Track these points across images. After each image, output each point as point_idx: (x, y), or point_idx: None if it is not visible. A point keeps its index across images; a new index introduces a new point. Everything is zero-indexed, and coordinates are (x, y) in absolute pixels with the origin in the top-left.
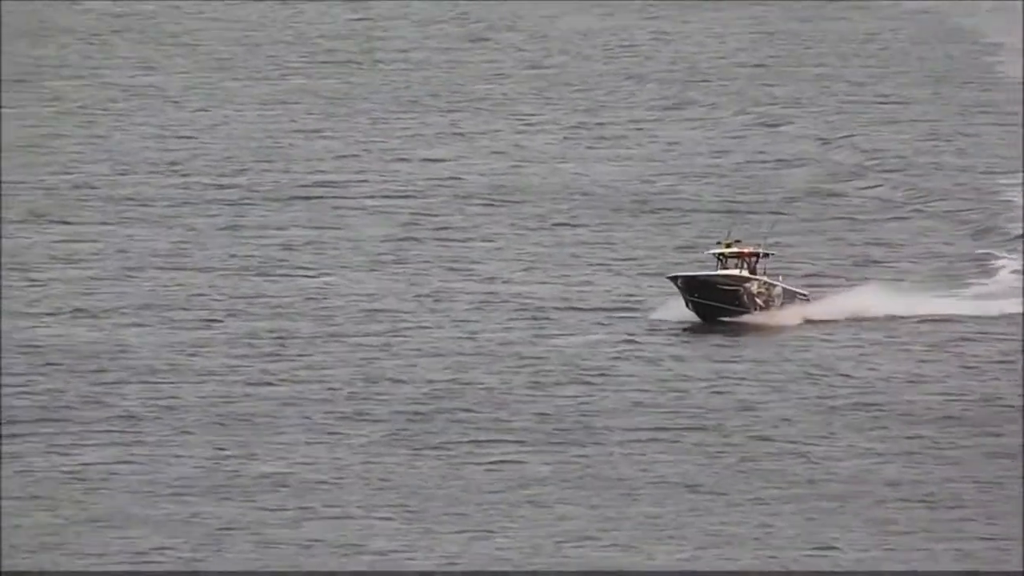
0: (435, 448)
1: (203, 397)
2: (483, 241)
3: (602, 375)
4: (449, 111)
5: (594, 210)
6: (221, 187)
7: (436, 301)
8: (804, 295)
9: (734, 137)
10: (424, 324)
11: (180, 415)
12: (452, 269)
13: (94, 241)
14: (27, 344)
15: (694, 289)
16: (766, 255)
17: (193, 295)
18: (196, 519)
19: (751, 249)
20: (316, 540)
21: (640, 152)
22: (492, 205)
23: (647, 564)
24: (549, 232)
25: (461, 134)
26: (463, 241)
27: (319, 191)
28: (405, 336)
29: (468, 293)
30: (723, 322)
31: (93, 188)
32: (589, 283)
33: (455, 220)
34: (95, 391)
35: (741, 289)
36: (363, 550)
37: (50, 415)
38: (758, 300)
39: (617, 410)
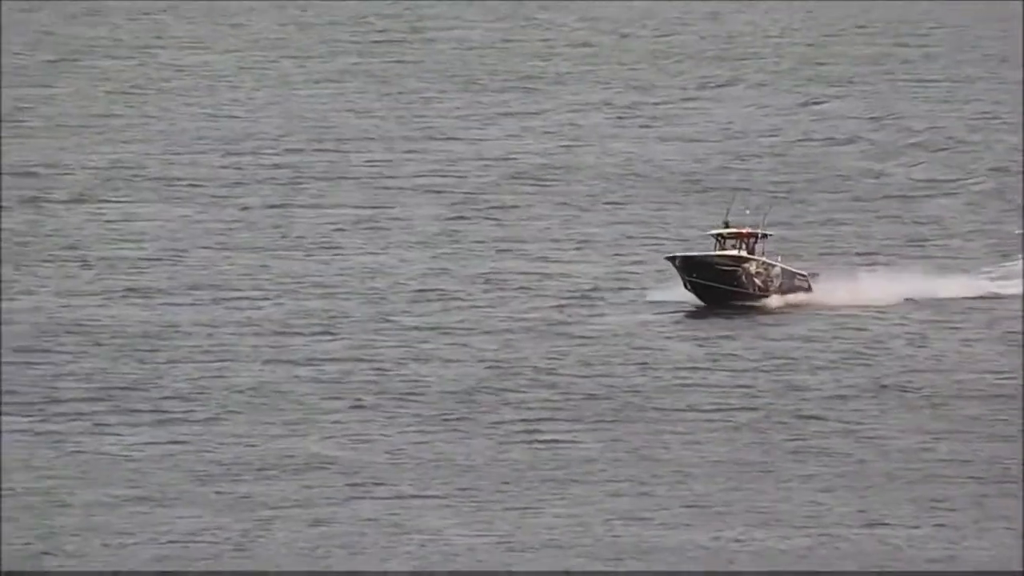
0: (486, 427)
1: (254, 376)
2: (534, 220)
3: (652, 354)
4: (501, 90)
5: (646, 189)
6: (274, 166)
7: (487, 281)
8: (803, 275)
9: (786, 116)
10: (476, 303)
11: (230, 395)
12: (503, 249)
13: (146, 221)
14: (77, 324)
15: (692, 269)
16: (765, 236)
17: (244, 275)
18: (246, 499)
19: (749, 229)
20: (368, 519)
21: (692, 131)
22: (543, 185)
23: (696, 543)
24: (600, 212)
25: (513, 113)
26: (514, 221)
27: (370, 170)
28: (456, 315)
29: (520, 273)
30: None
31: (144, 168)
32: (642, 262)
33: (506, 199)
34: (146, 371)
35: (739, 269)
36: (414, 529)
37: (100, 395)
38: (756, 281)
39: (667, 389)
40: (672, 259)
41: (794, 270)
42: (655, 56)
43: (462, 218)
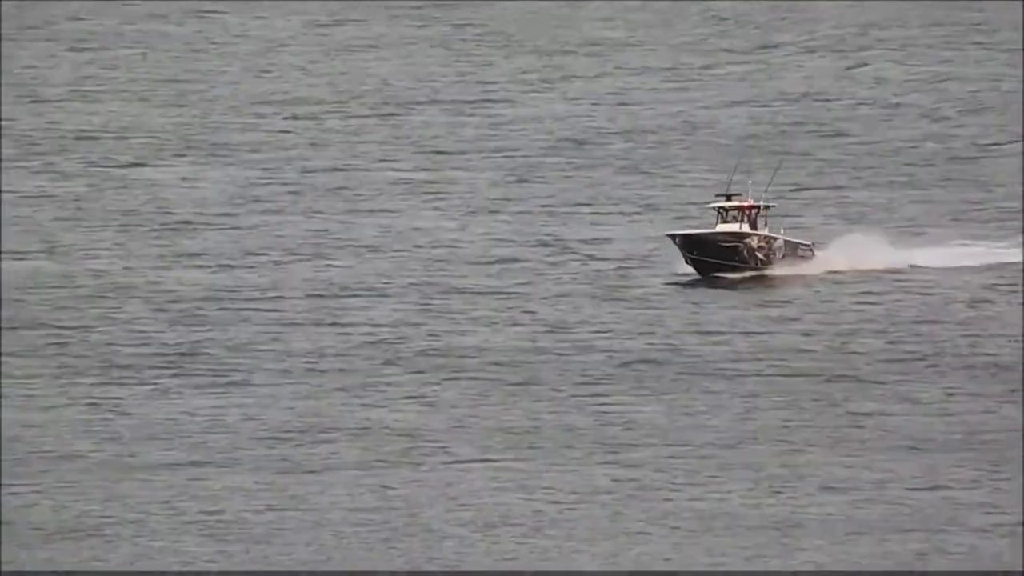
0: (545, 392)
1: (312, 341)
2: (590, 187)
3: (706, 318)
4: (551, 53)
5: (705, 153)
6: (334, 131)
7: (545, 245)
8: (807, 245)
9: (837, 79)
10: (535, 268)
11: (289, 359)
12: (561, 213)
13: (206, 184)
14: (138, 288)
15: (692, 247)
16: (767, 207)
17: (303, 239)
18: (303, 463)
19: (751, 202)
20: (426, 484)
21: (750, 95)
22: (603, 148)
23: (761, 514)
24: (661, 175)
25: (574, 77)
26: (574, 185)
27: (430, 135)
28: (515, 279)
29: (578, 240)
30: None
31: (204, 132)
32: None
33: (559, 164)
34: (204, 335)
35: (741, 245)
36: (471, 492)
37: (156, 362)
38: (759, 255)
39: (724, 354)
40: (673, 237)
41: (797, 241)
42: (704, 17)
43: (523, 182)
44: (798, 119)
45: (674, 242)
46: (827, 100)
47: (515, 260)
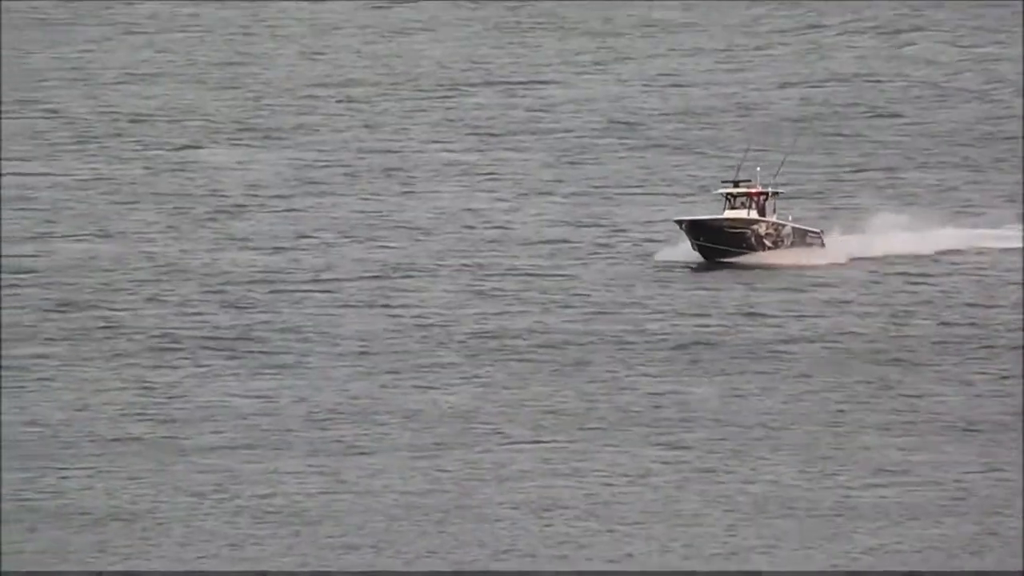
0: (596, 373)
1: (365, 324)
2: (642, 169)
3: (760, 301)
4: (604, 35)
5: (755, 133)
6: (386, 113)
7: (597, 227)
8: (816, 233)
9: (888, 60)
10: (587, 249)
11: (340, 342)
12: (613, 194)
13: (259, 167)
14: (190, 271)
15: (699, 233)
16: (776, 194)
17: (355, 223)
18: (355, 445)
19: (760, 188)
20: (479, 466)
21: (800, 75)
22: (652, 129)
23: (814, 496)
24: (711, 156)
25: (626, 59)
26: (622, 168)
27: (483, 116)
28: (567, 262)
29: (630, 221)
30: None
31: (257, 114)
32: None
33: (611, 145)
34: (256, 318)
35: (748, 231)
36: (522, 474)
37: (209, 344)
38: (766, 241)
39: (774, 338)
40: (680, 223)
41: (806, 228)
42: (764, 1)
43: (575, 163)
44: (850, 100)
45: (680, 227)
46: (878, 81)
47: (566, 241)
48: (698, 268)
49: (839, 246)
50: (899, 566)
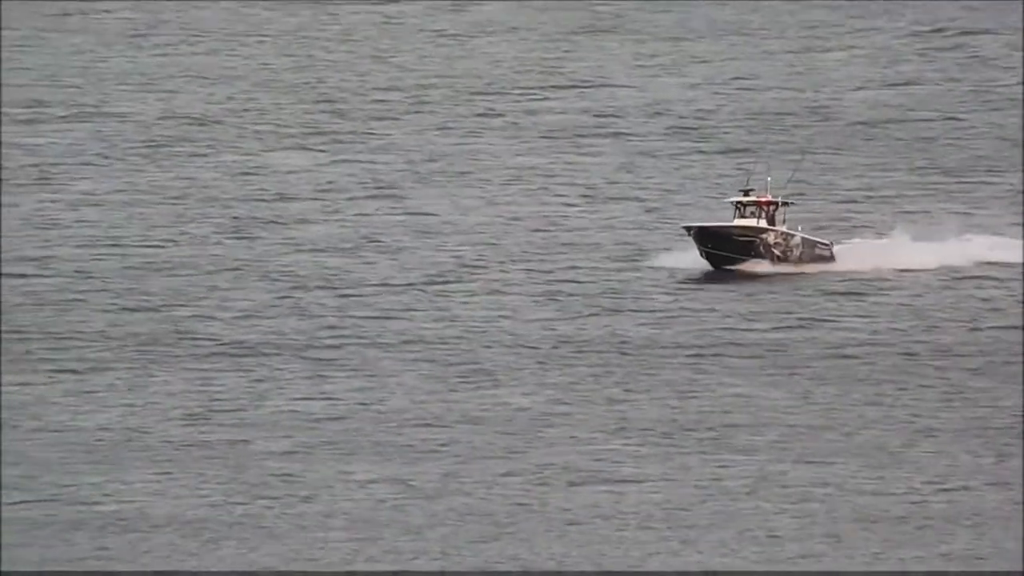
0: (668, 380)
1: (429, 329)
2: (711, 172)
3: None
4: (674, 39)
5: (825, 136)
6: (456, 116)
7: (670, 231)
8: (826, 244)
9: (956, 64)
10: (660, 255)
11: (409, 347)
12: (684, 200)
13: (329, 169)
14: (259, 275)
15: (707, 240)
16: (785, 203)
17: (426, 227)
18: (420, 450)
19: (769, 198)
20: (547, 464)
21: (863, 78)
22: (715, 132)
23: (888, 501)
24: (779, 159)
25: (692, 62)
26: (693, 172)
27: (551, 120)
28: (637, 265)
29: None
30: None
31: (330, 117)
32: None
33: (683, 149)
34: (325, 322)
35: (757, 240)
36: (591, 479)
37: (278, 349)
38: (775, 251)
39: (844, 342)
40: (688, 229)
41: (815, 239)
42: (833, 6)
43: (645, 167)
44: (913, 105)
45: (689, 234)
46: (940, 84)
47: (633, 245)
48: (769, 272)
49: (854, 259)
50: (972, 568)
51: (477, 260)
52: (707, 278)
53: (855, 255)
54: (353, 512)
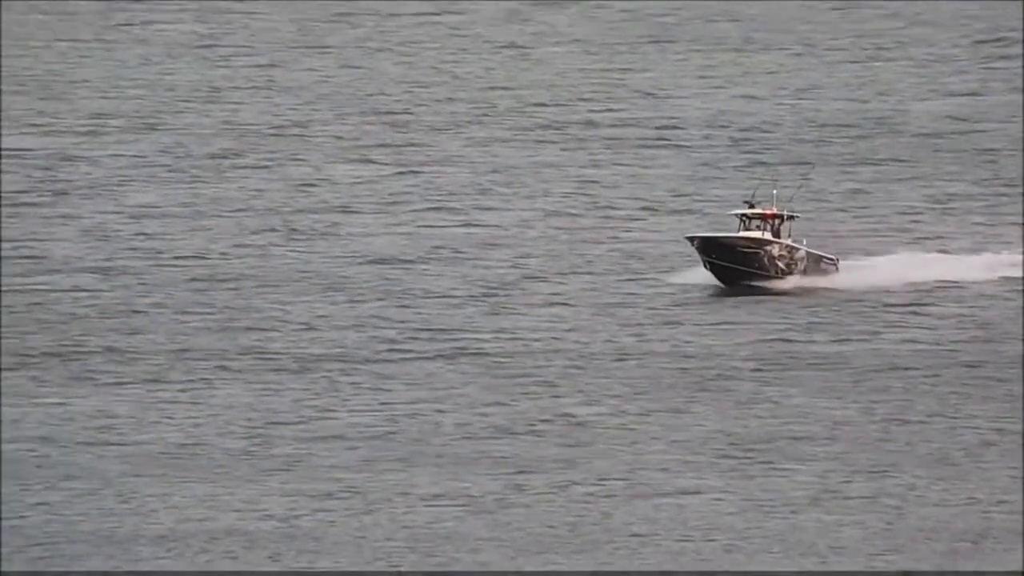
0: (730, 395)
1: (494, 343)
2: (773, 183)
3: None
4: (736, 50)
5: (893, 148)
6: (517, 129)
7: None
8: (831, 259)
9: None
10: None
11: (470, 360)
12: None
13: (390, 182)
14: (316, 288)
15: (711, 250)
16: (791, 217)
17: (487, 240)
18: (482, 463)
19: (774, 211)
20: (606, 482)
21: (929, 87)
22: (785, 143)
23: (953, 513)
24: (838, 169)
25: (753, 72)
26: (755, 184)
27: (613, 132)
28: (700, 279)
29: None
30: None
31: (391, 131)
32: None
33: (746, 160)
34: (379, 334)
35: (761, 252)
36: (656, 493)
37: (335, 362)
38: (779, 263)
39: (906, 351)
40: (692, 239)
41: (820, 253)
42: (895, 16)
43: (707, 178)
44: (977, 117)
45: (692, 245)
46: (1003, 95)
47: (693, 256)
48: (828, 284)
49: (858, 274)
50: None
51: (539, 272)
52: (772, 290)
53: (912, 266)
54: (414, 522)
